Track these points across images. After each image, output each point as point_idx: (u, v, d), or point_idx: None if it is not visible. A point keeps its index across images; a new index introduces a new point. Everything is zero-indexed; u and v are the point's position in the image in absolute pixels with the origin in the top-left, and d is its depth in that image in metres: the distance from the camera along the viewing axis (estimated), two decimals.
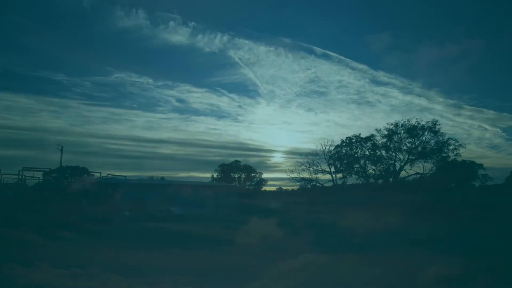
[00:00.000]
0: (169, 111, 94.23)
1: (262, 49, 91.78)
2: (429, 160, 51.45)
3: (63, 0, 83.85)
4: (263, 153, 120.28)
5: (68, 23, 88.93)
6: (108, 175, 20.27)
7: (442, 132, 50.48)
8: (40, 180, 18.68)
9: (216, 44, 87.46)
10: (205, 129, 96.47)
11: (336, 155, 58.07)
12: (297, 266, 9.07)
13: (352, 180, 59.31)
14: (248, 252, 12.12)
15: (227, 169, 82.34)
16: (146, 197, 27.14)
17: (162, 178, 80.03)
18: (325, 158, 58.31)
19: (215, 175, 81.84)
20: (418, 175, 53.59)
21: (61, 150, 41.16)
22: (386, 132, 53.99)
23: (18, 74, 79.87)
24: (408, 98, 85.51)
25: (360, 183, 58.56)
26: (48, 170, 40.75)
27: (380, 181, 56.03)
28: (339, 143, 59.16)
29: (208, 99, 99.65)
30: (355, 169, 57.00)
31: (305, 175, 59.16)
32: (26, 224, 13.86)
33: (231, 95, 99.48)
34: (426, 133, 51.28)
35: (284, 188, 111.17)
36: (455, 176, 48.57)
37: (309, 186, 60.06)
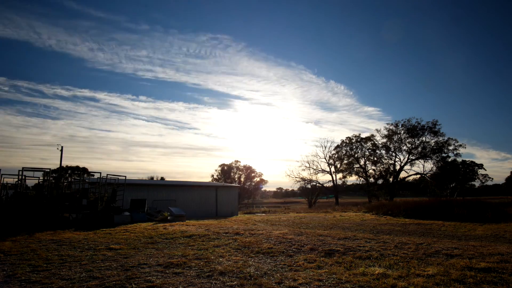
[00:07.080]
0: None
1: None
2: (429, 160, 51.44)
3: None
4: None
5: None
6: (108, 175, 20.22)
7: (442, 132, 50.49)
8: (40, 181, 18.60)
9: None
10: None
11: (336, 155, 58.08)
12: None
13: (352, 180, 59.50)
14: None
15: (227, 169, 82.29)
16: (146, 197, 27.16)
17: (162, 178, 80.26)
18: (325, 158, 58.38)
19: (215, 175, 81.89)
20: (418, 175, 53.65)
21: (61, 150, 41.17)
22: (386, 132, 54.01)
23: None
24: None
25: (360, 183, 58.67)
26: (48, 170, 40.68)
27: (380, 181, 55.96)
28: (339, 143, 59.25)
29: None
30: (355, 169, 56.96)
31: (305, 175, 59.28)
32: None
33: None
34: (426, 133, 51.21)
35: (284, 188, 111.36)
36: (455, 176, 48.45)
37: (309, 186, 60.08)
